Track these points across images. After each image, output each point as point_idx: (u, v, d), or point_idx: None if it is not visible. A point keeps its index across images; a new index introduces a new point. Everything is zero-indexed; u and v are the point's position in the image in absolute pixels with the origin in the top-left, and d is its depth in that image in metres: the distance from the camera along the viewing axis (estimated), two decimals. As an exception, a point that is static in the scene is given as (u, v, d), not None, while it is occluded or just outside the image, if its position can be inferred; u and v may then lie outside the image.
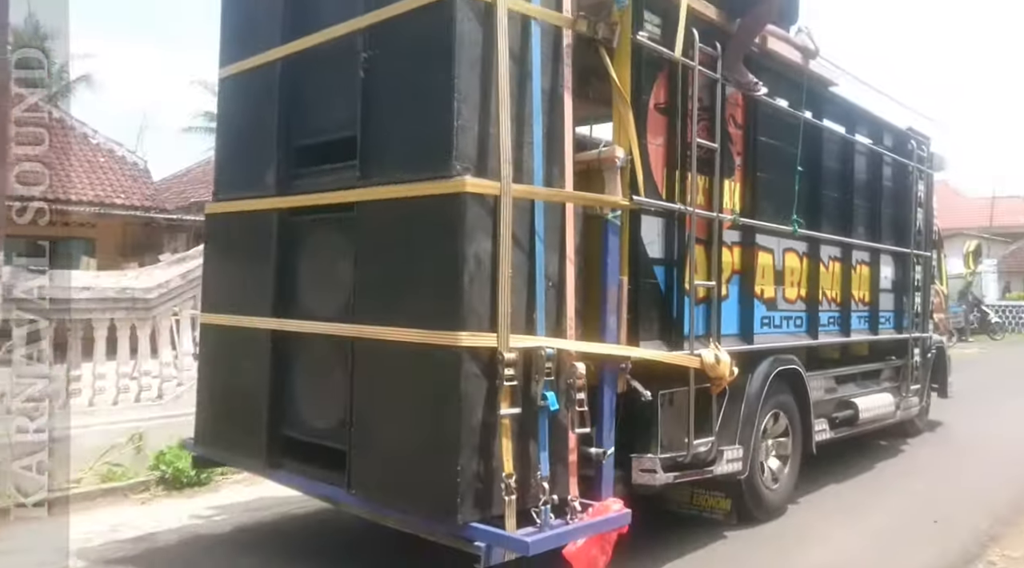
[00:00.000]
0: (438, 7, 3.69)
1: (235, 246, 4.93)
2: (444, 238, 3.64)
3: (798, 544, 5.24)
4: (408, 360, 3.76)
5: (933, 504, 6.19)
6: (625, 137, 4.28)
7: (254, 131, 4.79)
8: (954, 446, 8.52)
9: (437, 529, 3.69)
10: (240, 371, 4.75)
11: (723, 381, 4.79)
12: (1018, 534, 5.34)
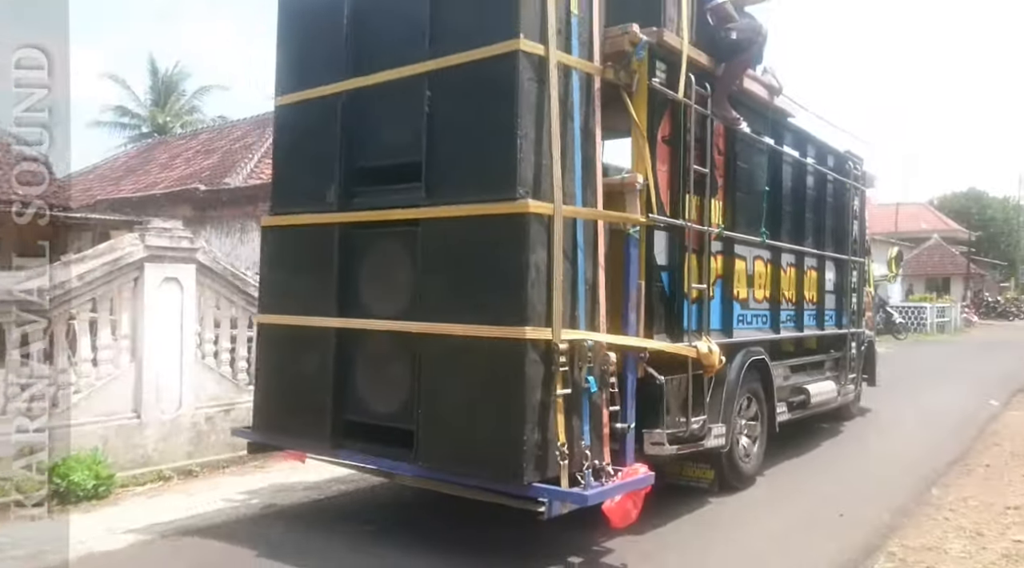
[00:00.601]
0: (503, 59, 4.50)
1: (295, 255, 5.60)
2: (510, 250, 4.45)
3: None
4: (476, 351, 4.54)
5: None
6: (643, 165, 5.19)
7: (314, 154, 5.48)
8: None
9: (504, 490, 4.49)
10: (303, 365, 5.43)
11: (713, 369, 5.74)
12: (915, 525, 5.74)
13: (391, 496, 6.31)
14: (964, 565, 4.86)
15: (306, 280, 5.49)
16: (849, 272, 8.98)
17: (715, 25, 5.94)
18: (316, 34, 5.55)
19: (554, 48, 4.61)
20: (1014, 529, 5.60)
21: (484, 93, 4.64)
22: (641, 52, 5.15)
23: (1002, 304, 45.06)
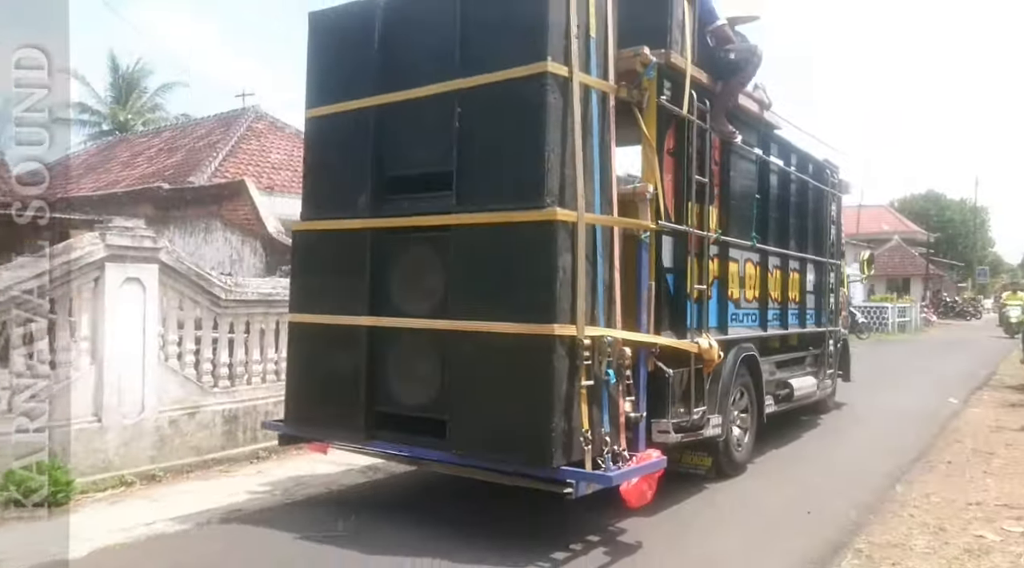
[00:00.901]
0: (533, 79, 4.95)
1: (327, 257, 5.99)
2: (539, 254, 4.90)
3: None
4: (506, 346, 4.98)
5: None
6: (652, 176, 5.69)
7: (345, 164, 5.89)
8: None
9: (534, 474, 4.94)
10: (335, 361, 5.83)
11: (713, 363, 6.27)
12: (881, 522, 5.92)
13: (360, 497, 6.50)
14: (928, 561, 5.03)
15: (338, 281, 5.88)
16: (827, 274, 9.62)
17: (714, 46, 6.48)
18: (347, 52, 5.95)
19: (577, 69, 5.07)
20: (975, 524, 5.82)
21: (513, 110, 5.08)
22: (651, 72, 5.65)
23: (960, 304, 46.55)
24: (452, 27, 5.34)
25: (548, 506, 5.77)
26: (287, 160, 19.56)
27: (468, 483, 5.60)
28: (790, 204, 8.44)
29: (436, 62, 5.43)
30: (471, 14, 5.28)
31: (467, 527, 5.56)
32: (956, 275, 56.08)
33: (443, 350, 5.31)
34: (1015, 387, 13.79)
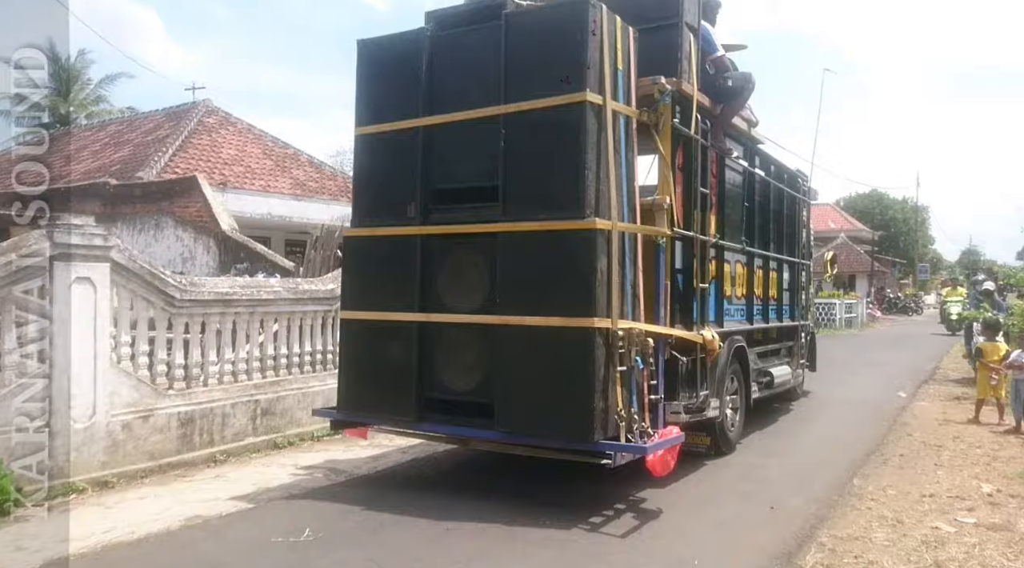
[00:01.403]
0: (573, 106, 5.82)
1: (378, 260, 6.78)
2: (581, 257, 5.77)
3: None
4: (550, 338, 5.84)
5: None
6: (667, 189, 6.63)
7: (394, 177, 6.69)
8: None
9: (576, 448, 5.82)
10: (387, 353, 6.61)
11: (715, 353, 7.24)
12: (840, 516, 6.08)
13: (329, 497, 6.52)
14: (888, 552, 5.21)
15: (388, 282, 6.68)
16: (799, 273, 10.74)
17: (714, 74, 7.45)
18: (396, 76, 6.75)
19: (609, 98, 5.98)
20: (931, 516, 6.07)
21: (555, 132, 5.95)
22: (667, 99, 6.59)
23: (902, 300, 48.10)
24: (497, 59, 6.19)
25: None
26: (240, 155, 19.64)
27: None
28: (770, 210, 9.50)
29: (481, 89, 6.28)
30: (514, 48, 6.15)
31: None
32: (898, 272, 58.70)
33: (489, 341, 6.16)
34: (958, 381, 14.50)
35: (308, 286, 9.51)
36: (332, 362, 9.38)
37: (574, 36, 5.88)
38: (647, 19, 6.74)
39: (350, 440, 8.33)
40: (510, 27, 6.18)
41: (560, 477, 6.80)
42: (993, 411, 10.35)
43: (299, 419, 8.86)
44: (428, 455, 8.02)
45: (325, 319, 9.52)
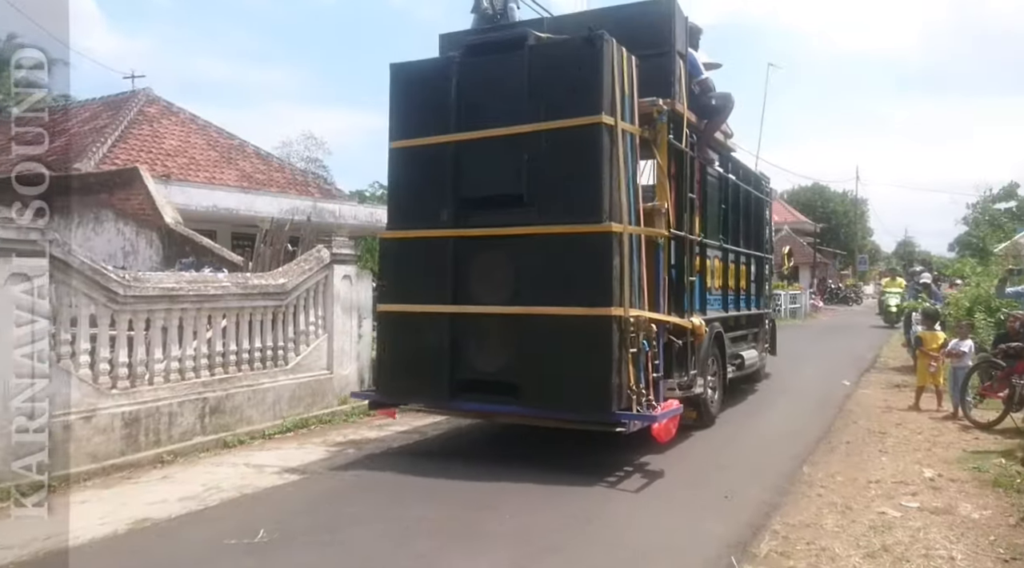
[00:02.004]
0: (591, 126, 6.95)
1: (413, 259, 7.81)
2: (599, 256, 6.90)
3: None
4: (573, 324, 6.96)
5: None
6: (665, 196, 7.81)
7: (428, 185, 7.73)
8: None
9: (595, 419, 6.95)
10: (422, 340, 7.64)
11: (702, 337, 8.48)
12: (793, 503, 6.34)
13: (278, 500, 6.49)
14: (838, 538, 5.44)
15: (423, 277, 7.72)
16: (764, 266, 12.13)
17: (699, 94, 8.68)
18: (427, 96, 7.79)
19: (619, 119, 7.13)
20: (877, 502, 6.36)
21: (575, 149, 7.06)
22: (663, 118, 7.77)
23: (843, 290, 49.97)
24: (521, 83, 7.28)
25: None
26: (183, 146, 19.16)
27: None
28: (740, 210, 10.83)
29: (506, 109, 7.35)
30: (537, 75, 7.26)
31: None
32: (839, 263, 61.51)
33: (515, 329, 7.25)
34: (898, 369, 15.23)
35: (258, 281, 9.50)
36: (284, 358, 9.63)
37: (591, 66, 7.02)
38: (643, 47, 7.84)
39: (302, 437, 8.87)
40: (533, 57, 7.29)
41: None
42: (932, 398, 10.90)
43: (250, 417, 8.87)
44: (383, 451, 8.27)
45: (276, 314, 9.57)
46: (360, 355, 10.89)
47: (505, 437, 8.74)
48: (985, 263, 29.32)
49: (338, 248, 10.48)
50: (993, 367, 9.92)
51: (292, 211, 15.26)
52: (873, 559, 5.08)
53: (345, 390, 10.32)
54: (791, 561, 5.04)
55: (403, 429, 9.32)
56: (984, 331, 12.71)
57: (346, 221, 17.59)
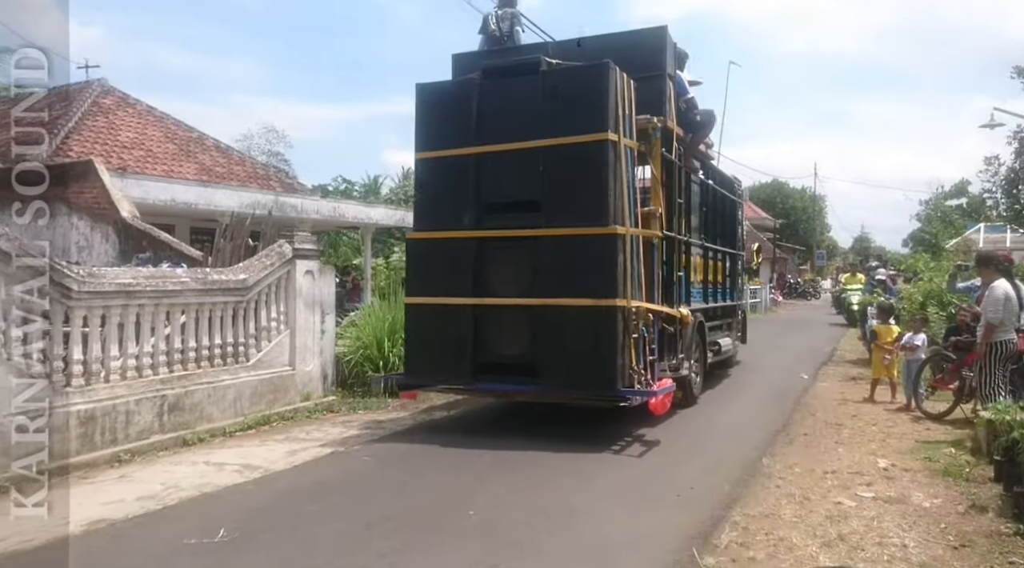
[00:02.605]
0: (599, 142, 8.16)
1: (437, 257, 8.96)
2: (607, 255, 8.11)
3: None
4: (583, 314, 8.16)
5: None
6: (658, 201, 9.07)
7: (451, 192, 8.87)
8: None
9: (602, 395, 8.19)
10: (447, 329, 8.79)
11: (688, 325, 9.79)
12: (753, 494, 6.51)
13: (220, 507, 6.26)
14: (796, 528, 5.62)
15: (446, 273, 8.86)
16: (737, 262, 13.55)
17: (685, 110, 9.97)
18: (448, 114, 8.95)
19: (622, 136, 8.37)
20: (834, 492, 6.58)
21: (584, 161, 8.26)
22: (657, 133, 9.02)
23: (802, 285, 51.61)
24: (535, 103, 8.47)
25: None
26: (140, 138, 18.97)
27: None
28: (718, 212, 12.22)
29: (522, 125, 8.52)
30: (550, 96, 8.45)
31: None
32: (798, 258, 63.74)
33: (530, 318, 8.44)
34: (854, 362, 15.83)
35: (218, 276, 9.48)
36: (245, 355, 9.62)
37: (598, 90, 8.25)
38: (638, 70, 9.03)
39: (263, 434, 8.94)
40: (546, 80, 8.50)
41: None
42: (887, 390, 11.34)
43: (210, 414, 8.87)
44: (346, 448, 8.33)
45: (237, 310, 9.56)
46: (323, 351, 10.99)
47: (470, 433, 9.13)
48: (937, 258, 30.18)
49: (300, 243, 10.55)
50: (944, 360, 10.33)
51: (253, 205, 15.08)
52: (829, 548, 5.28)
53: (308, 386, 10.53)
54: (751, 552, 5.20)
55: (367, 425, 9.53)
56: (937, 325, 13.29)
57: (308, 216, 17.58)
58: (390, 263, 27.73)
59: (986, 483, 6.73)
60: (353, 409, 10.56)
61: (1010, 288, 8.55)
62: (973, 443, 7.94)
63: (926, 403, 10.26)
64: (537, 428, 8.91)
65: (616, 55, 8.63)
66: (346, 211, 20.03)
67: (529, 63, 8.72)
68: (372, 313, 12.53)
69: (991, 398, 8.07)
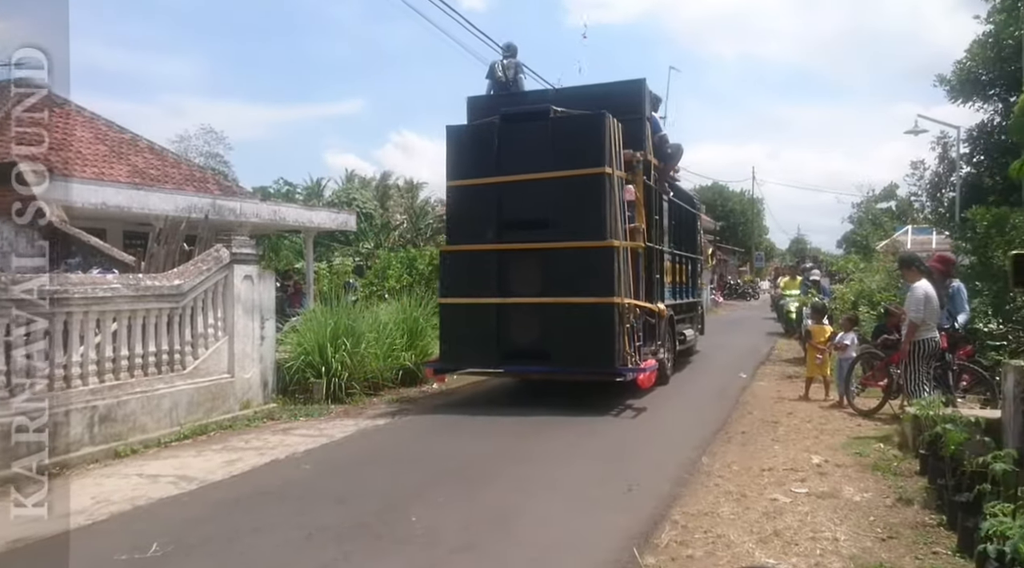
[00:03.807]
0: (598, 174, 10.64)
1: (466, 266, 11.35)
2: (604, 263, 10.59)
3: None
4: (587, 309, 10.62)
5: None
6: (641, 219, 11.61)
7: (477, 213, 11.26)
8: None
9: (603, 371, 10.67)
10: (475, 324, 11.16)
11: (664, 318, 12.42)
12: (691, 494, 6.70)
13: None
14: (733, 525, 5.79)
15: (474, 279, 11.25)
16: (698, 265, 16.42)
17: (659, 144, 12.65)
18: (474, 150, 11.39)
19: (615, 169, 10.91)
20: (770, 489, 6.80)
21: (586, 189, 10.72)
22: (639, 166, 11.60)
23: (741, 286, 54.25)
24: (545, 143, 10.92)
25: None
26: (68, 139, 18.35)
27: None
28: (683, 224, 14.99)
29: (535, 160, 10.96)
30: (557, 137, 10.92)
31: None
32: (737, 260, 67.05)
33: (543, 313, 10.88)
34: (790, 361, 16.76)
35: (151, 282, 9.32)
36: (181, 363, 9.52)
37: (596, 134, 10.76)
38: (623, 113, 11.50)
39: (201, 444, 8.84)
40: (554, 125, 10.99)
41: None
42: (821, 388, 12.03)
43: (144, 425, 8.69)
44: (287, 456, 8.29)
45: (172, 317, 9.43)
46: (263, 358, 10.93)
47: (415, 440, 9.41)
48: (868, 260, 31.95)
49: (238, 247, 10.51)
50: (874, 358, 10.91)
51: (189, 208, 14.83)
52: (765, 544, 5.44)
53: (247, 394, 10.49)
54: (690, 549, 5.35)
55: (309, 433, 9.58)
56: (867, 324, 14.16)
57: (248, 219, 17.31)
58: (333, 267, 27.99)
59: (912, 476, 7.12)
60: (294, 416, 10.58)
61: (931, 288, 8.89)
62: (900, 438, 8.34)
63: (857, 400, 10.79)
64: (481, 442, 9.10)
65: (605, 101, 11.23)
66: (287, 214, 19.73)
67: (540, 111, 11.24)
68: (314, 318, 12.69)
69: (916, 394, 8.50)
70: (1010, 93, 22.50)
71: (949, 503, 5.73)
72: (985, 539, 4.56)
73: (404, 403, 11.82)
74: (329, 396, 11.51)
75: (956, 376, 9.72)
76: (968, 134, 25.99)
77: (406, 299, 14.75)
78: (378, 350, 12.45)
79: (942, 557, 5.14)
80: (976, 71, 24.71)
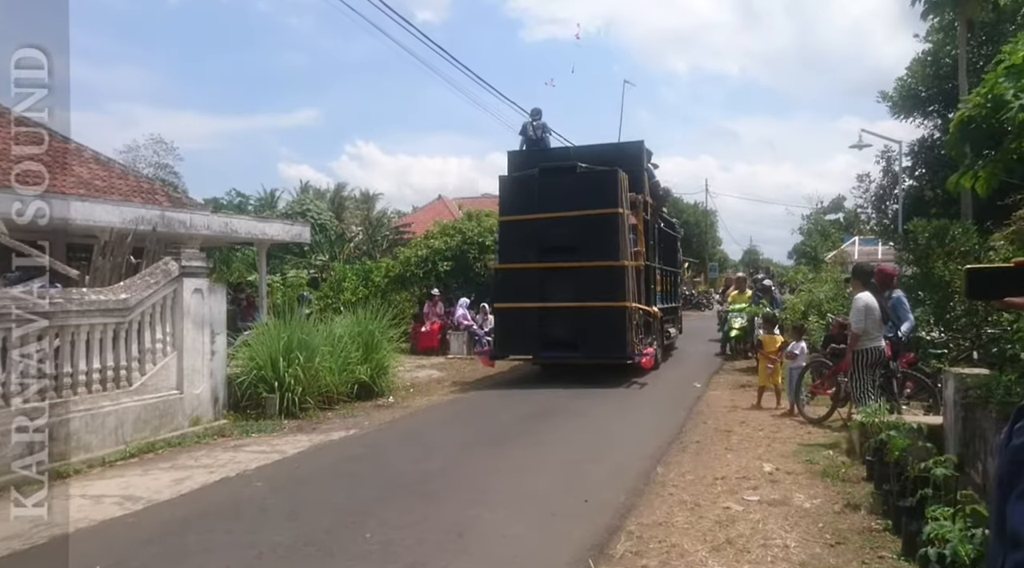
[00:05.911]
0: (614, 214, 15.13)
1: (514, 279, 15.73)
2: (618, 277, 15.06)
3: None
4: (607, 312, 15.00)
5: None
6: (642, 245, 16.16)
7: (522, 240, 15.64)
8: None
9: (618, 358, 15.04)
10: (523, 322, 15.47)
11: (657, 318, 16.93)
12: (647, 503, 6.86)
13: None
14: (687, 534, 5.95)
15: (521, 289, 15.52)
16: (678, 276, 21.48)
17: (653, 188, 17.34)
18: (521, 193, 15.75)
19: (625, 208, 15.23)
20: (723, 497, 6.96)
21: (605, 224, 15.14)
22: (640, 206, 16.03)
23: (696, 297, 53.91)
24: (573, 189, 15.32)
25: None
26: (6, 149, 16.79)
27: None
28: (668, 245, 19.80)
29: (565, 202, 15.27)
30: (583, 186, 15.33)
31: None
32: (692, 271, 69.74)
33: (576, 315, 15.09)
34: (743, 370, 17.42)
35: (96, 296, 9.11)
36: (128, 379, 9.32)
37: (612, 184, 15.13)
38: (627, 165, 15.97)
39: (148, 463, 8.68)
40: (580, 176, 15.36)
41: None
42: (772, 397, 12.36)
43: (88, 444, 8.49)
44: (238, 473, 8.23)
45: (118, 332, 9.18)
46: (214, 373, 10.67)
47: (367, 457, 9.14)
48: (817, 270, 33.87)
49: (188, 260, 10.30)
50: (823, 367, 11.16)
51: (136, 220, 14.55)
52: (718, 552, 5.54)
53: (197, 410, 10.24)
54: (644, 560, 5.40)
55: (260, 449, 9.42)
56: (817, 333, 15.15)
57: (198, 231, 17.02)
58: (287, 279, 28.00)
59: (860, 482, 7.33)
60: (246, 432, 10.40)
61: (871, 299, 9.08)
62: (848, 445, 8.64)
63: (808, 408, 11.12)
64: (438, 456, 9.06)
65: (614, 156, 15.87)
66: (239, 226, 19.01)
67: (569, 166, 15.57)
68: (267, 332, 12.46)
69: (862, 402, 8.62)
70: (948, 109, 24.00)
71: (894, 508, 5.89)
72: (927, 543, 4.62)
73: (359, 417, 11.83)
74: (282, 411, 11.39)
75: (900, 383, 10.03)
76: (910, 148, 27.88)
77: (362, 312, 14.61)
78: (333, 364, 12.46)
79: (888, 561, 5.27)
80: (916, 88, 26.83)
